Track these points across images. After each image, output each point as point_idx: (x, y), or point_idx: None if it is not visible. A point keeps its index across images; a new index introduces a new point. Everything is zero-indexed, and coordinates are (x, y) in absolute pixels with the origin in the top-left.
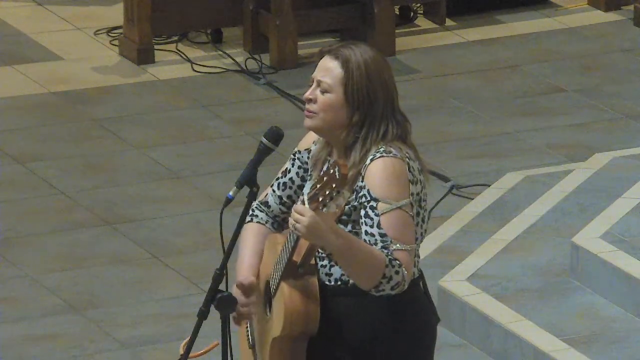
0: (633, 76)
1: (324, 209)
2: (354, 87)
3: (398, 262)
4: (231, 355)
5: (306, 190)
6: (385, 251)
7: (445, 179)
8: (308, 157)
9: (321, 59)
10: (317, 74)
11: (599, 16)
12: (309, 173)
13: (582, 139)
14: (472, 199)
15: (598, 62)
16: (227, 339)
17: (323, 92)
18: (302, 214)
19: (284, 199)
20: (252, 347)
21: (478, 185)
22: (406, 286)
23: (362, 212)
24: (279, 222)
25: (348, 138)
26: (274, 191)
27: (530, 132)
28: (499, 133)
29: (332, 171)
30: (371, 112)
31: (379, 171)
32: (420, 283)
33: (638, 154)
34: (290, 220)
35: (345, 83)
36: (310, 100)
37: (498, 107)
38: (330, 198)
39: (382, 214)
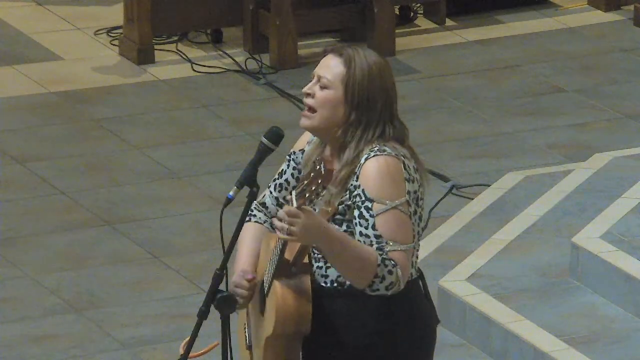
0: (633, 76)
1: (310, 205)
2: (354, 86)
3: (392, 262)
4: (231, 356)
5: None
6: (380, 252)
7: (445, 179)
8: (302, 158)
9: (324, 56)
10: (319, 70)
11: (599, 16)
12: (302, 173)
13: (582, 139)
14: (472, 199)
15: (598, 62)
16: (227, 339)
17: (322, 87)
18: (295, 216)
19: (281, 200)
20: (249, 347)
21: (478, 185)
22: (402, 286)
23: (356, 213)
24: None
25: (344, 137)
26: (271, 192)
27: (530, 132)
28: (499, 133)
29: (318, 167)
30: (368, 114)
31: (373, 170)
32: (420, 283)
33: (638, 154)
34: (279, 224)
35: (346, 81)
36: (308, 95)
37: (498, 107)
38: (317, 194)
39: (377, 214)
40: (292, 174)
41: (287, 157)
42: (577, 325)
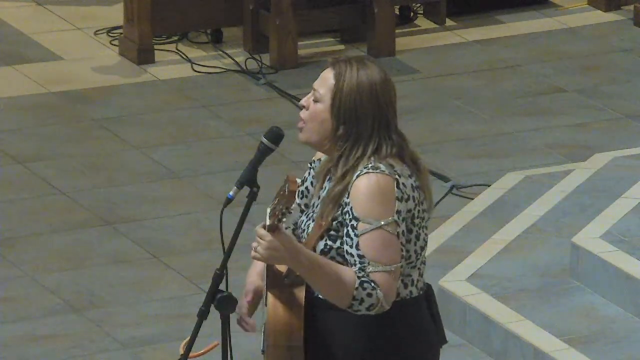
0: (633, 76)
1: (280, 223)
2: (341, 100)
3: (372, 284)
4: (231, 356)
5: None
6: (361, 273)
7: (445, 179)
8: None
9: (325, 68)
10: (315, 83)
11: (599, 16)
12: (315, 183)
13: (582, 139)
14: (472, 199)
15: (598, 62)
16: (227, 339)
17: (315, 101)
18: (261, 237)
19: (302, 206)
20: (263, 352)
21: (478, 185)
22: (387, 306)
23: (345, 231)
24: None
25: (333, 151)
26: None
27: (530, 132)
28: (499, 133)
29: (284, 186)
30: (357, 129)
31: (362, 188)
32: (424, 301)
33: (638, 154)
34: (253, 244)
35: (332, 95)
36: (303, 107)
37: (498, 107)
38: (282, 214)
39: (361, 234)
40: (312, 182)
41: (309, 165)
42: (577, 325)
